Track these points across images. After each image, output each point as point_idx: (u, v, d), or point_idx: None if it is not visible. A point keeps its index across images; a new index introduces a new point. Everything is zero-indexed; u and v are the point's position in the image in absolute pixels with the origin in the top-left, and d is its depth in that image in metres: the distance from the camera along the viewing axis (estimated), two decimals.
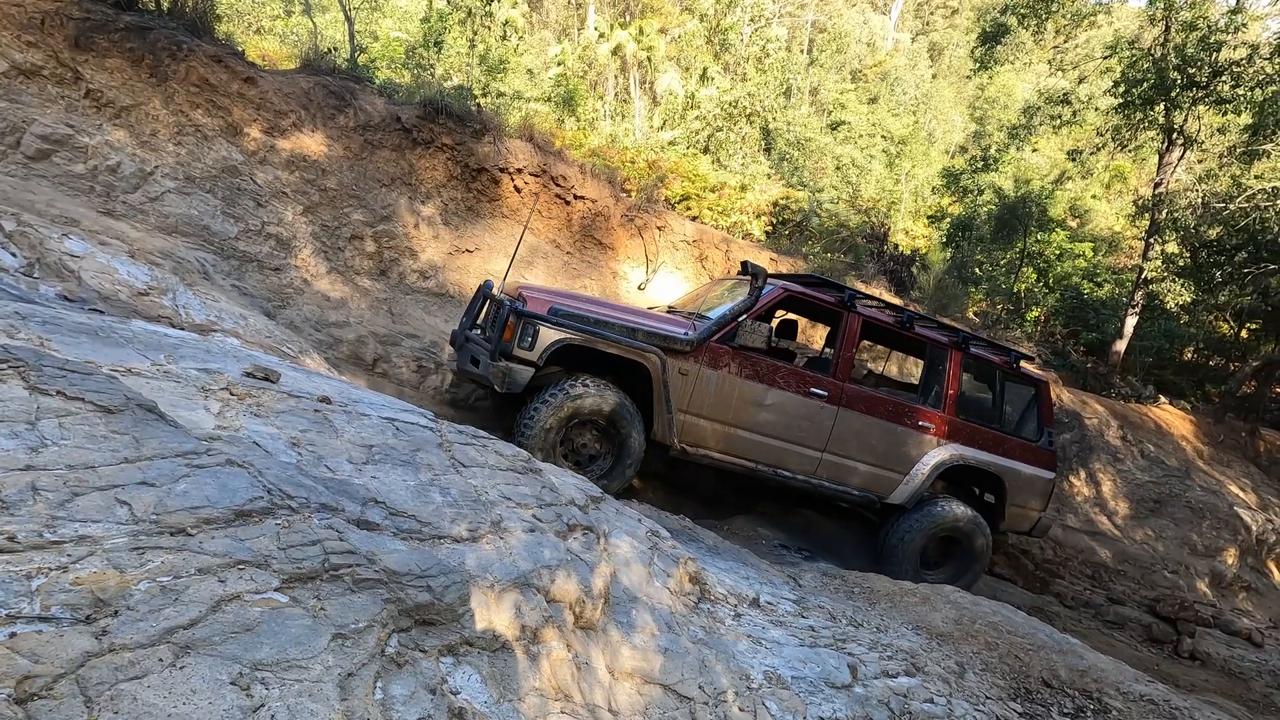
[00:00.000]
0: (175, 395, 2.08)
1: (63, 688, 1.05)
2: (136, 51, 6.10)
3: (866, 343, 7.62)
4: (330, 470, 2.01)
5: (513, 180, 7.84)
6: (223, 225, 6.02)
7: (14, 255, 3.70)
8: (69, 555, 1.25)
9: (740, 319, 4.95)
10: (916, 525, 5.49)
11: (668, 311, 5.69)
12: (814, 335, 8.60)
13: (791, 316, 6.54)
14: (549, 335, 4.53)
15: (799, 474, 5.23)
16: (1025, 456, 5.89)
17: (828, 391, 5.21)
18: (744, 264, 5.22)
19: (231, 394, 2.24)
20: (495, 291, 5.10)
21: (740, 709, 2.33)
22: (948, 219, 15.18)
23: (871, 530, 6.53)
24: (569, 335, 4.58)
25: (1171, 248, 13.07)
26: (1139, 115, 12.88)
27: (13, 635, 1.07)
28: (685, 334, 4.87)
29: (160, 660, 1.16)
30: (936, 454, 5.53)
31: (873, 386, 5.87)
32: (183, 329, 3.68)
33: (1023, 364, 6.08)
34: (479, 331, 5.16)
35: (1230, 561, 9.19)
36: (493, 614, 1.82)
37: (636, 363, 4.73)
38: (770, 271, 5.69)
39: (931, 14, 37.25)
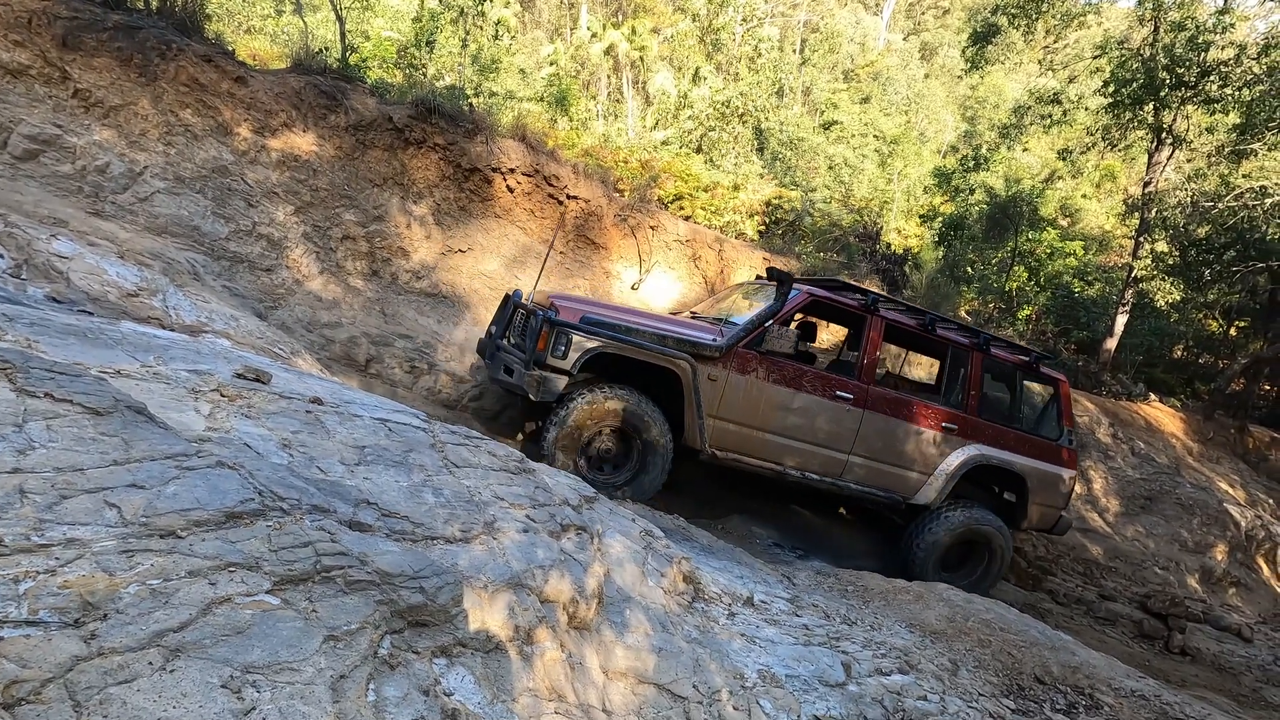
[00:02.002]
0: (165, 397, 2.07)
1: (51, 692, 1.04)
2: (125, 51, 6.05)
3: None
4: (322, 471, 2.00)
5: (505, 180, 7.82)
6: (213, 226, 5.98)
7: (1, 256, 3.66)
8: (57, 558, 1.24)
9: (767, 324, 5.03)
10: (940, 528, 5.55)
11: (691, 317, 5.73)
12: (833, 334, 8.60)
13: (811, 319, 6.59)
14: (582, 344, 4.61)
15: (825, 476, 5.32)
16: (1046, 455, 5.98)
17: (853, 394, 5.30)
18: (769, 269, 5.35)
19: (222, 395, 2.23)
20: (525, 300, 5.13)
21: (734, 708, 2.34)
22: (939, 218, 15.23)
23: (873, 529, 6.57)
24: (601, 343, 4.64)
25: (1161, 246, 13.16)
26: (1128, 115, 12.96)
27: (0, 639, 1.06)
28: (714, 340, 4.95)
29: (150, 664, 1.15)
30: (960, 454, 5.61)
31: (891, 387, 5.93)
32: (173, 330, 3.66)
33: (1042, 364, 6.15)
34: (508, 340, 5.19)
35: (1220, 558, 9.26)
36: (486, 615, 1.82)
37: (667, 369, 4.79)
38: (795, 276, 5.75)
39: (923, 14, 37.38)
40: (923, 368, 8.96)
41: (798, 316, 6.41)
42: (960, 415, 5.65)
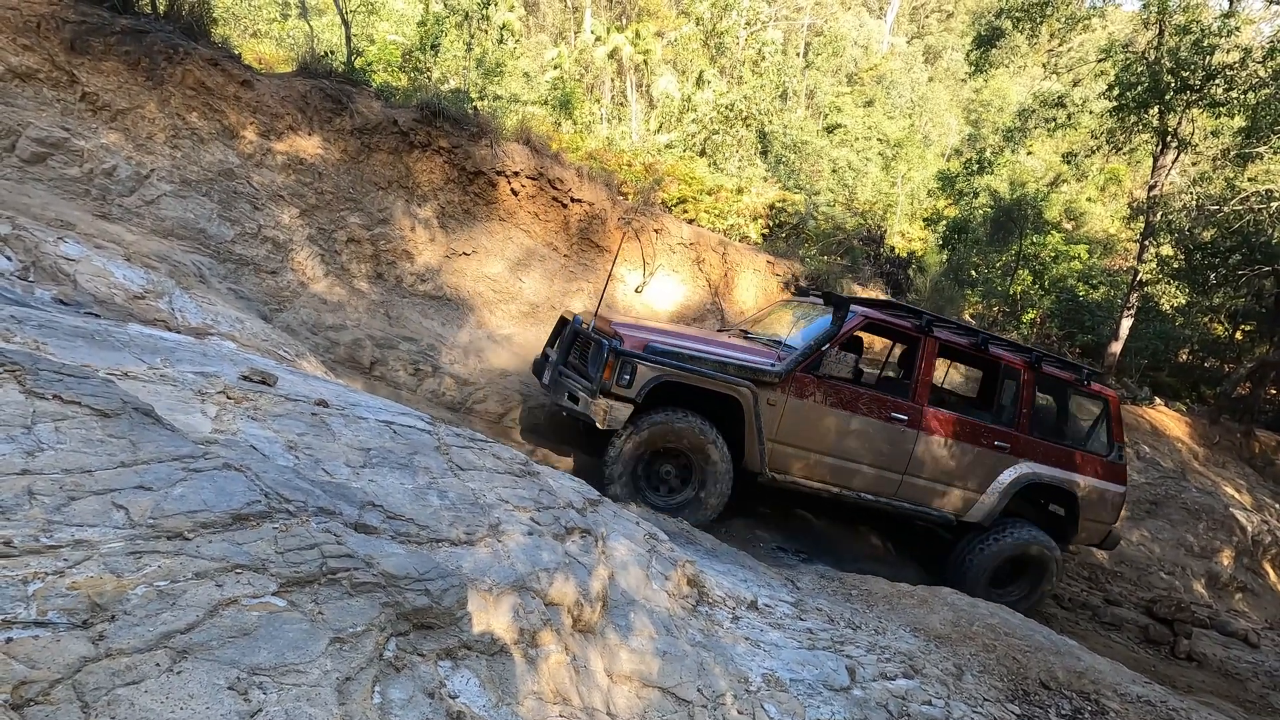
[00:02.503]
0: (172, 399, 2.08)
1: (59, 693, 1.04)
2: (132, 55, 6.09)
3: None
4: (328, 474, 2.00)
5: (509, 184, 7.84)
6: (219, 228, 6.01)
7: (9, 259, 3.69)
8: (65, 560, 1.25)
9: (824, 348, 5.08)
10: (992, 548, 5.58)
11: (744, 337, 5.78)
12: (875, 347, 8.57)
13: (858, 334, 6.62)
14: (646, 373, 4.70)
15: (881, 496, 5.40)
16: (1097, 471, 5.98)
17: (907, 415, 5.36)
18: (826, 293, 5.43)
19: (228, 397, 2.24)
20: (585, 326, 5.22)
21: (739, 712, 2.33)
22: (943, 221, 15.21)
23: (886, 536, 6.57)
24: (665, 371, 4.73)
25: (1166, 250, 13.12)
26: (1133, 118, 12.93)
27: (9, 640, 1.07)
28: (772, 365, 5.02)
29: (157, 665, 1.16)
30: (1012, 472, 5.65)
31: (939, 402, 5.96)
32: (179, 332, 3.67)
33: (1093, 382, 6.14)
34: (568, 364, 5.27)
35: (1226, 563, 9.21)
36: (491, 617, 1.82)
37: (729, 396, 4.88)
38: (849, 297, 5.78)
39: (926, 18, 37.39)
40: (958, 374, 8.86)
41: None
42: (1012, 433, 5.68)
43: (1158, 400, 12.60)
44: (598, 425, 4.66)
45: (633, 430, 4.77)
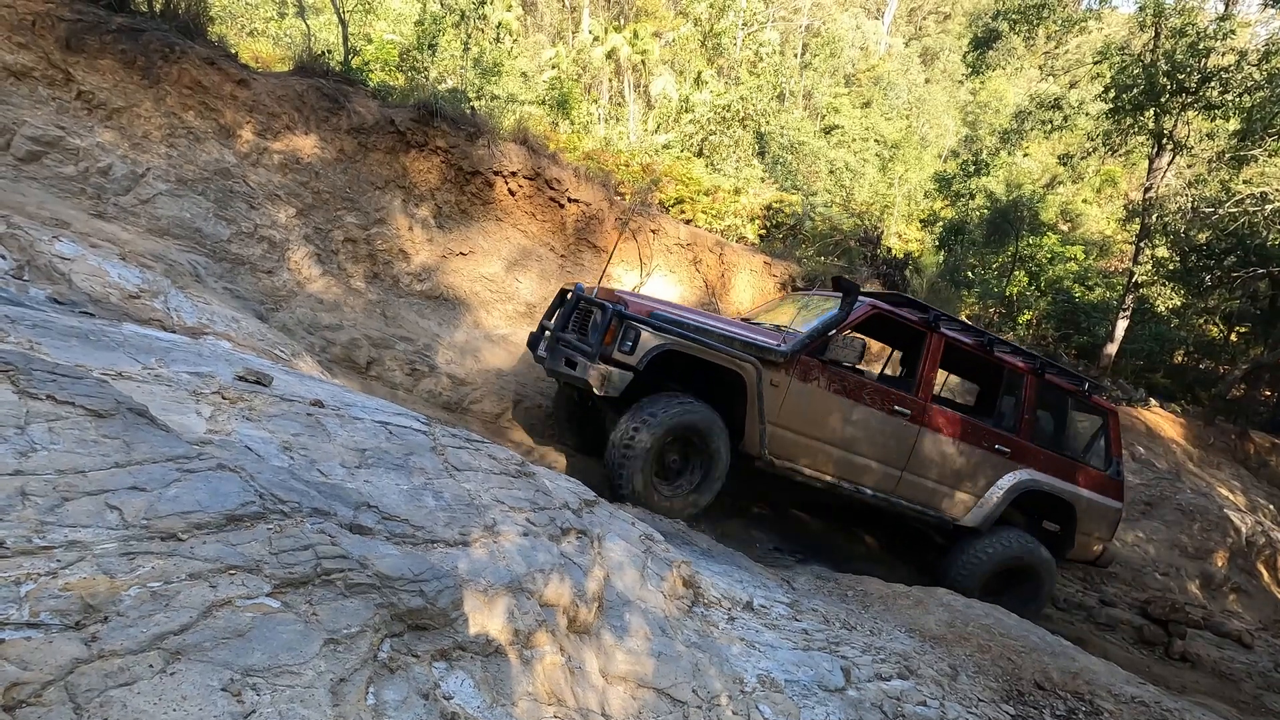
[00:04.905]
0: (167, 399, 2.07)
1: (51, 695, 1.04)
2: (128, 53, 6.07)
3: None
4: (323, 474, 2.00)
5: (507, 184, 7.83)
6: (215, 227, 5.99)
7: (4, 257, 3.67)
8: (58, 561, 1.24)
9: (831, 333, 4.97)
10: (987, 555, 5.44)
11: (747, 324, 5.68)
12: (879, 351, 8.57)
13: (862, 336, 6.55)
14: (650, 340, 4.51)
15: (878, 491, 5.25)
16: (1095, 485, 5.88)
17: (911, 410, 5.25)
18: (835, 279, 5.26)
19: (223, 398, 2.23)
20: (587, 292, 5.06)
21: (734, 713, 2.33)
22: (940, 223, 15.25)
23: (882, 538, 6.54)
24: (670, 340, 4.56)
25: (1162, 252, 13.18)
26: (1129, 120, 12.99)
27: (1, 642, 1.06)
28: (779, 345, 4.89)
29: (150, 666, 1.16)
30: (1011, 478, 5.54)
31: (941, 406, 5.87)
32: (174, 332, 3.66)
33: (1094, 395, 6.05)
34: (569, 333, 5.11)
35: (1220, 564, 9.25)
36: (486, 618, 1.82)
37: (728, 372, 4.72)
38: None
39: (924, 19, 37.47)
40: (957, 383, 8.82)
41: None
42: (1014, 439, 5.57)
43: (1153, 401, 12.65)
44: (595, 390, 4.46)
45: (649, 420, 4.52)
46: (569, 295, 5.31)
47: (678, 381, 4.85)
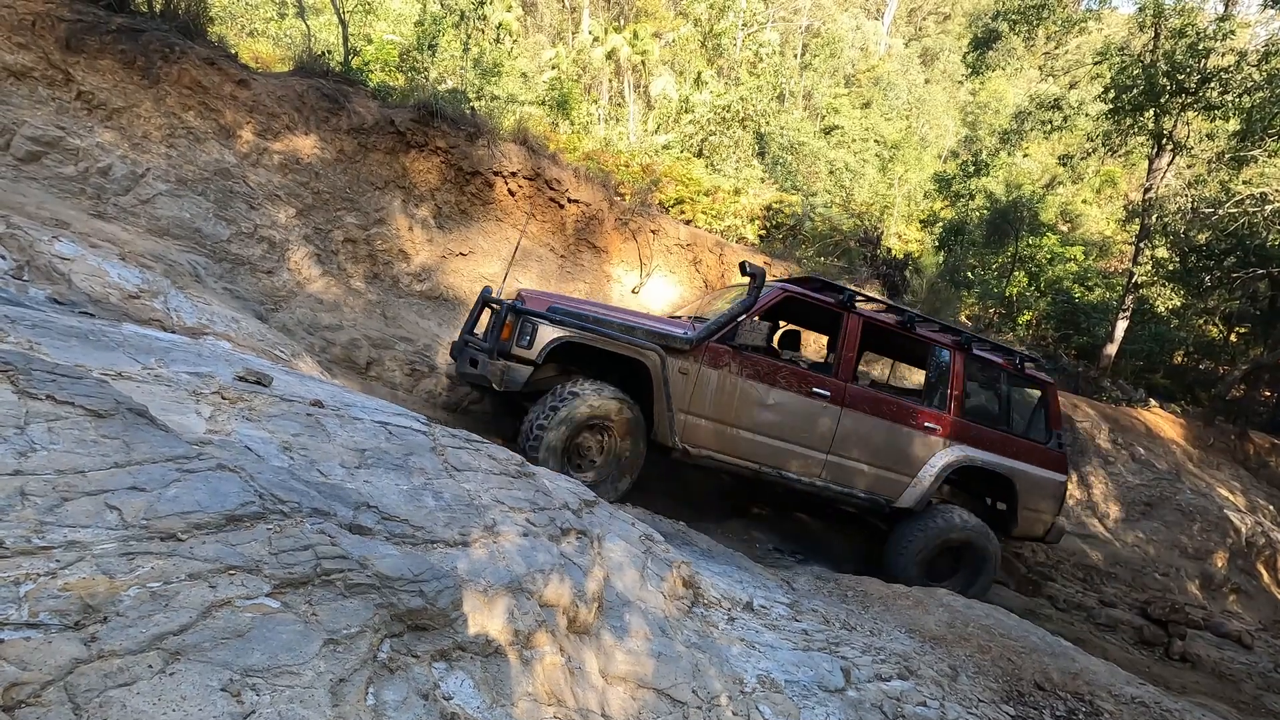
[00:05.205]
0: (166, 399, 2.07)
1: (51, 695, 1.04)
2: (128, 53, 6.07)
3: (868, 352, 7.57)
4: (322, 475, 2.00)
5: (506, 184, 7.83)
6: (215, 228, 5.99)
7: (4, 258, 3.67)
8: (58, 561, 1.24)
9: (739, 318, 4.93)
10: (923, 533, 5.36)
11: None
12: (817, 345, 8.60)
13: (794, 327, 6.51)
14: (547, 333, 4.53)
15: (803, 476, 5.17)
16: (1035, 458, 5.80)
17: (830, 391, 5.16)
18: (742, 264, 5.14)
19: (223, 398, 2.23)
20: (491, 294, 5.12)
21: (733, 713, 2.33)
22: (940, 223, 15.26)
23: (870, 535, 6.51)
24: (567, 333, 4.56)
25: (1161, 252, 13.19)
26: (1129, 121, 13.01)
27: (0, 642, 1.06)
28: (685, 333, 4.87)
29: (150, 667, 1.15)
30: (944, 456, 5.43)
31: (876, 389, 5.80)
32: (174, 332, 3.66)
33: (1028, 366, 6.00)
34: (478, 336, 5.16)
35: (1220, 564, 9.25)
36: (485, 618, 1.82)
37: (635, 362, 4.71)
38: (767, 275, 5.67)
39: (924, 20, 37.49)
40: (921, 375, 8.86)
41: (782, 324, 6.37)
42: (943, 416, 5.48)
43: (1153, 402, 12.66)
44: (494, 386, 4.49)
45: (552, 408, 4.54)
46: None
47: (596, 375, 4.81)
